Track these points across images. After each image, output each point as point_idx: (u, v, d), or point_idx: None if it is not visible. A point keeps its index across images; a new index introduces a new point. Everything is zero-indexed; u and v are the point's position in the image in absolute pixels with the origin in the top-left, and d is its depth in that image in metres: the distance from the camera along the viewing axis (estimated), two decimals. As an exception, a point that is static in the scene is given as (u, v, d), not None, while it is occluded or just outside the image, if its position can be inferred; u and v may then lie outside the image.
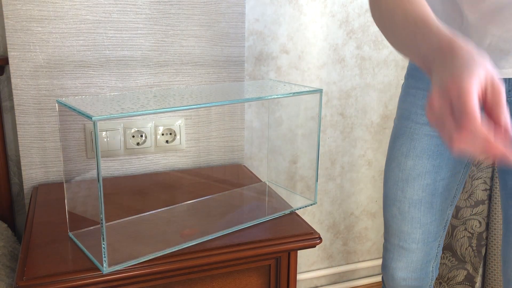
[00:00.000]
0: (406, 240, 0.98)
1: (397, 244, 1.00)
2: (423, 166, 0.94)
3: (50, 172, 1.12)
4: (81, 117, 1.10)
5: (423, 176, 0.94)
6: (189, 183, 1.13)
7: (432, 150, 0.93)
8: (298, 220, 0.94)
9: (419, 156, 0.94)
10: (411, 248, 0.99)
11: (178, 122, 1.20)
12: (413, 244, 0.98)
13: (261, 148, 1.41)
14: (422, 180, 0.94)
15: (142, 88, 1.15)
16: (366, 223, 1.63)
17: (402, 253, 1.00)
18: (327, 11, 1.36)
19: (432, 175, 0.94)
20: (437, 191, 0.95)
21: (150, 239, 0.84)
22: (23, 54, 1.04)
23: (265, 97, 0.87)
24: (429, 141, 0.93)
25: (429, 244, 0.99)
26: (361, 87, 1.47)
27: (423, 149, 0.93)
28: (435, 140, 0.92)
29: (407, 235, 0.98)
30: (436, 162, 0.93)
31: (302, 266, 1.59)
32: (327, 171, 1.51)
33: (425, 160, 0.93)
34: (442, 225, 0.99)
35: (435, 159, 0.93)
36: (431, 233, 0.98)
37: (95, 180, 1.13)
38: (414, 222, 0.97)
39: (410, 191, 0.96)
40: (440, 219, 0.98)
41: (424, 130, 0.93)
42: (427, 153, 0.93)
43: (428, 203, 0.95)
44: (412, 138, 0.94)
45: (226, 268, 0.86)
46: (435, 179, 0.94)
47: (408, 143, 0.95)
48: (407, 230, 0.98)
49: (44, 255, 0.79)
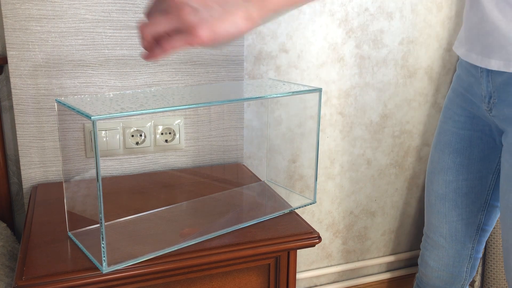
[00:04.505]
0: (435, 233, 1.03)
1: (428, 235, 1.06)
2: (445, 161, 0.97)
3: (49, 171, 1.12)
4: (80, 117, 1.10)
5: (446, 171, 0.98)
6: (189, 183, 1.13)
7: (452, 147, 0.96)
8: (298, 219, 0.94)
9: (442, 150, 0.98)
10: (440, 242, 1.02)
11: (177, 122, 1.20)
12: (441, 238, 1.02)
13: (261, 147, 1.41)
14: (444, 175, 0.98)
15: (141, 87, 1.15)
16: (365, 222, 1.63)
17: (432, 244, 1.04)
18: (326, 10, 1.36)
19: (453, 172, 0.97)
20: (461, 191, 0.97)
21: (149, 238, 0.84)
22: (22, 54, 1.04)
23: (265, 96, 0.87)
24: (450, 137, 0.96)
25: (459, 243, 1.01)
26: (361, 86, 1.47)
27: (445, 144, 0.97)
28: (456, 137, 0.95)
29: (435, 228, 1.02)
30: (457, 160, 0.96)
31: (301, 265, 1.59)
32: (326, 170, 1.51)
33: (447, 156, 0.97)
34: (473, 227, 1.00)
35: (455, 156, 0.96)
36: (459, 231, 1.00)
37: (94, 180, 1.13)
38: (440, 216, 1.00)
39: (435, 183, 1.00)
40: (469, 220, 0.99)
41: (448, 125, 0.96)
42: (448, 149, 0.97)
43: (452, 201, 0.98)
44: (439, 132, 0.99)
45: (226, 268, 0.86)
46: (457, 178, 0.97)
47: (437, 136, 1.00)
48: (434, 223, 1.02)
49: (43, 254, 0.78)
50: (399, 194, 1.66)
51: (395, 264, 1.74)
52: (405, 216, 1.69)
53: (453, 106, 0.96)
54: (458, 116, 0.95)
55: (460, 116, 0.95)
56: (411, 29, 1.47)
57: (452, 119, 0.96)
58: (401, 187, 1.65)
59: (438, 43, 1.52)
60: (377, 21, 1.43)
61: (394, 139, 1.57)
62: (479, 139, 0.94)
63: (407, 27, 1.47)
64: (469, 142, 0.94)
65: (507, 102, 0.79)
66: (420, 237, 1.74)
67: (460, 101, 0.94)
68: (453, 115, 0.96)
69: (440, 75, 1.56)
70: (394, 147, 1.58)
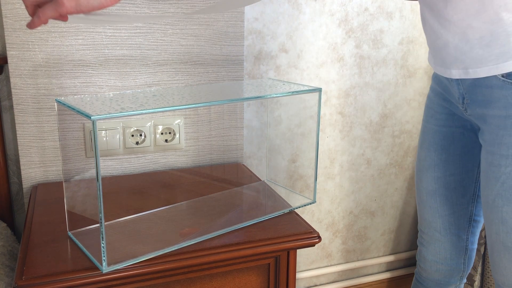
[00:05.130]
0: (429, 228, 1.06)
1: (423, 231, 1.09)
2: (432, 159, 1.01)
3: (49, 171, 1.12)
4: (80, 116, 1.10)
5: (433, 168, 1.01)
6: (188, 182, 1.13)
7: (437, 144, 1.00)
8: (297, 219, 0.94)
9: (428, 148, 1.02)
10: (435, 236, 1.05)
11: (177, 121, 1.20)
12: (436, 232, 1.05)
13: (260, 147, 1.41)
14: (433, 172, 1.02)
15: (141, 87, 1.15)
16: (365, 222, 1.63)
17: (428, 240, 1.07)
18: (326, 9, 1.36)
19: (441, 168, 1.01)
20: (450, 186, 1.01)
21: (149, 238, 0.84)
22: (22, 53, 1.04)
23: (264, 96, 0.87)
24: (434, 135, 1.01)
25: (454, 235, 1.04)
26: (360, 86, 1.47)
27: (430, 142, 1.01)
28: (439, 135, 0.99)
29: (429, 223, 1.05)
30: (443, 157, 1.00)
31: (301, 265, 1.59)
32: (326, 170, 1.51)
33: (433, 153, 1.01)
34: (465, 219, 1.04)
35: (441, 153, 1.00)
36: (453, 224, 1.03)
37: (94, 179, 1.13)
38: (433, 211, 1.04)
39: (425, 181, 1.03)
40: (460, 213, 1.03)
41: (431, 124, 1.01)
42: (434, 147, 1.01)
43: (443, 195, 1.02)
44: (423, 131, 1.03)
45: (225, 267, 0.86)
46: (444, 174, 1.00)
47: (421, 135, 1.04)
48: (428, 218, 1.05)
49: (43, 254, 0.79)
50: (399, 194, 1.66)
51: (395, 264, 1.74)
52: (404, 215, 1.69)
53: (434, 105, 1.00)
54: (439, 114, 0.99)
55: (441, 114, 0.98)
56: (411, 29, 1.47)
57: (434, 118, 1.00)
58: (401, 186, 1.65)
59: (438, 43, 1.52)
60: (377, 21, 1.43)
61: (394, 139, 1.57)
62: (461, 135, 0.97)
63: (407, 27, 1.47)
64: (451, 138, 0.98)
65: (478, 102, 0.83)
66: (419, 237, 1.75)
67: (440, 100, 0.98)
68: (434, 113, 1.00)
69: (440, 75, 1.57)
70: (393, 147, 1.58)
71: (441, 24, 0.82)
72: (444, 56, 0.85)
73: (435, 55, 0.89)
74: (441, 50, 0.85)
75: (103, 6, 0.65)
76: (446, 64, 0.86)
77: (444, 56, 0.85)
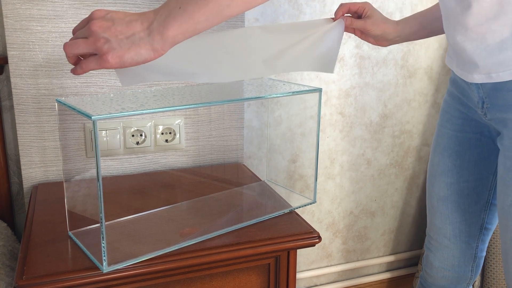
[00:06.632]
0: (438, 234, 1.04)
1: (431, 236, 1.06)
2: (445, 164, 0.99)
3: (49, 171, 1.12)
4: (80, 116, 1.10)
5: (446, 174, 0.99)
6: (189, 182, 1.14)
7: (452, 149, 0.98)
8: (297, 219, 0.94)
9: (442, 153, 0.99)
10: (444, 243, 1.03)
11: (177, 121, 1.20)
12: (445, 239, 1.03)
13: (261, 147, 1.41)
14: (446, 178, 0.99)
15: (141, 87, 1.15)
16: (365, 222, 1.64)
17: (436, 246, 1.05)
18: (326, 10, 1.36)
19: (454, 174, 0.98)
20: (463, 192, 0.98)
21: (149, 238, 0.84)
22: (23, 53, 1.04)
23: (265, 96, 0.87)
24: (449, 140, 0.98)
25: (464, 243, 1.02)
26: (360, 86, 1.47)
27: (444, 147, 0.99)
28: (454, 140, 0.97)
29: (439, 230, 1.03)
30: (457, 163, 0.98)
31: (301, 265, 1.59)
32: (326, 170, 1.51)
33: (447, 158, 0.99)
34: (476, 227, 1.01)
35: (455, 159, 0.98)
36: (463, 232, 1.01)
37: (95, 179, 1.13)
38: (443, 217, 1.02)
39: (437, 186, 1.01)
40: (472, 220, 1.00)
41: (447, 128, 0.99)
42: (448, 152, 0.98)
43: (454, 202, 0.99)
44: (438, 134, 1.01)
45: (226, 267, 0.87)
46: (458, 180, 0.98)
47: (436, 139, 1.02)
48: (437, 225, 1.03)
49: (43, 254, 0.79)
50: (399, 194, 1.66)
51: (395, 264, 1.74)
52: (405, 216, 1.70)
53: (451, 109, 0.97)
54: (456, 119, 0.96)
55: (458, 119, 0.96)
56: (411, 29, 1.47)
57: (450, 122, 0.98)
58: (401, 187, 1.65)
59: (438, 43, 1.52)
60: (377, 21, 1.43)
61: (394, 139, 1.57)
62: (478, 141, 0.95)
63: (407, 27, 1.47)
64: (468, 144, 0.96)
65: (499, 106, 0.81)
66: (420, 237, 1.75)
67: (457, 104, 0.95)
68: (451, 118, 0.97)
69: (440, 75, 1.57)
70: (394, 147, 1.58)
71: (458, 31, 0.80)
72: (465, 61, 0.83)
73: (456, 58, 0.87)
74: (460, 55, 0.83)
75: (147, 61, 0.65)
76: (467, 69, 0.83)
77: (464, 61, 0.83)
